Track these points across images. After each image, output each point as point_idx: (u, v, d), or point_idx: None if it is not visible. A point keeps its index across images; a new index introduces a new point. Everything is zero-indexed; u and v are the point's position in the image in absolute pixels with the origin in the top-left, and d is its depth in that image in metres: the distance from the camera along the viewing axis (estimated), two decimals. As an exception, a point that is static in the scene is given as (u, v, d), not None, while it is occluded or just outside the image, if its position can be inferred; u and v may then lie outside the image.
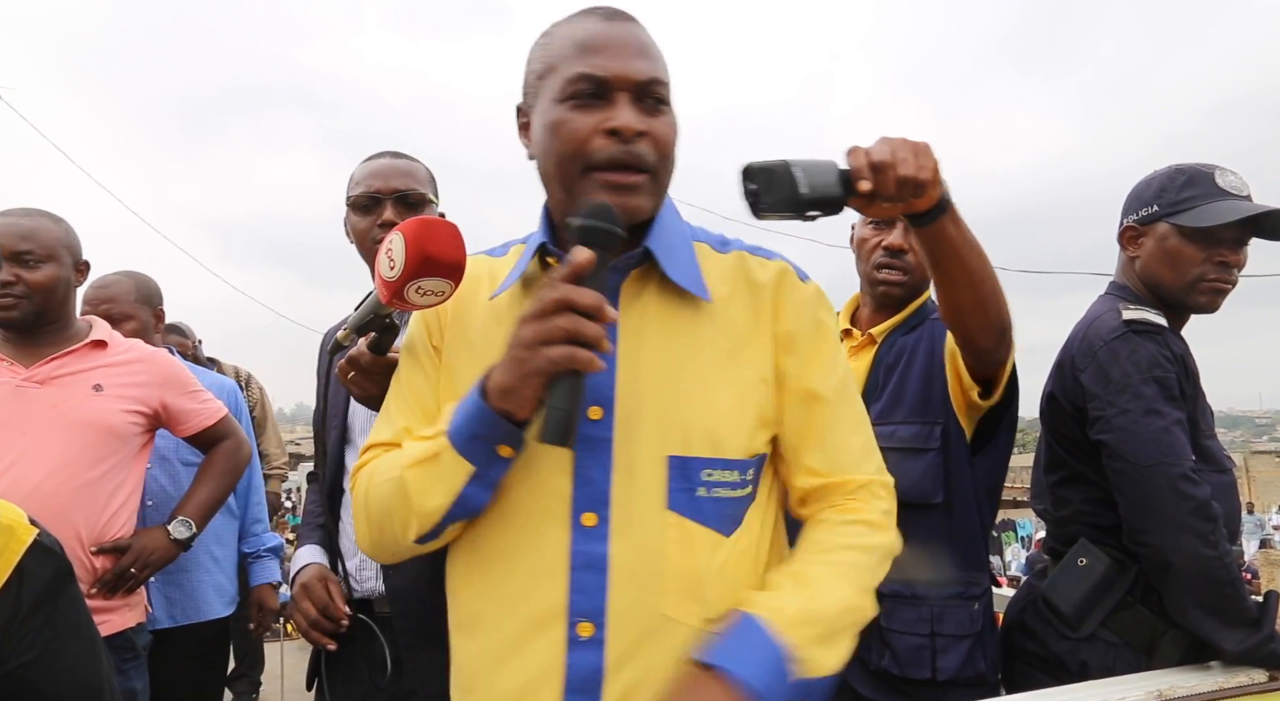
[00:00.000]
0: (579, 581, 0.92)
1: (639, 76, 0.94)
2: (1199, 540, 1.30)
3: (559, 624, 0.92)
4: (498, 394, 0.88)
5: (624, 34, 0.97)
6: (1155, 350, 1.43)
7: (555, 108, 0.95)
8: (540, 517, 0.94)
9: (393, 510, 0.95)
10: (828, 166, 1.07)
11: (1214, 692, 1.17)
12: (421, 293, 0.98)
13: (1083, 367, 1.48)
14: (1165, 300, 1.57)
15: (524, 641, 0.93)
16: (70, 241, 1.93)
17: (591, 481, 0.93)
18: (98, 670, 1.06)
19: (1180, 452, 1.36)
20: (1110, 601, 1.43)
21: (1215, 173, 1.54)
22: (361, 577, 1.56)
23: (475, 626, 0.98)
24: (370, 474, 1.00)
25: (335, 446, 1.64)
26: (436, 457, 0.91)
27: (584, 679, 0.91)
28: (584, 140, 0.93)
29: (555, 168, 0.96)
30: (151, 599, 2.21)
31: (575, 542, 0.93)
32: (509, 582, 0.95)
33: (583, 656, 0.91)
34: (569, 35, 0.98)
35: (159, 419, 1.98)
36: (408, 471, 0.93)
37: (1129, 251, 1.61)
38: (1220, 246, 1.52)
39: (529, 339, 0.85)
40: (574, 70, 0.94)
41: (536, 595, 0.93)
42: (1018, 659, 1.56)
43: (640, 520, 0.93)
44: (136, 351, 1.98)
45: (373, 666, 1.56)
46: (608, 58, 0.94)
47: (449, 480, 0.91)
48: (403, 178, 1.63)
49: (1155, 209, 1.56)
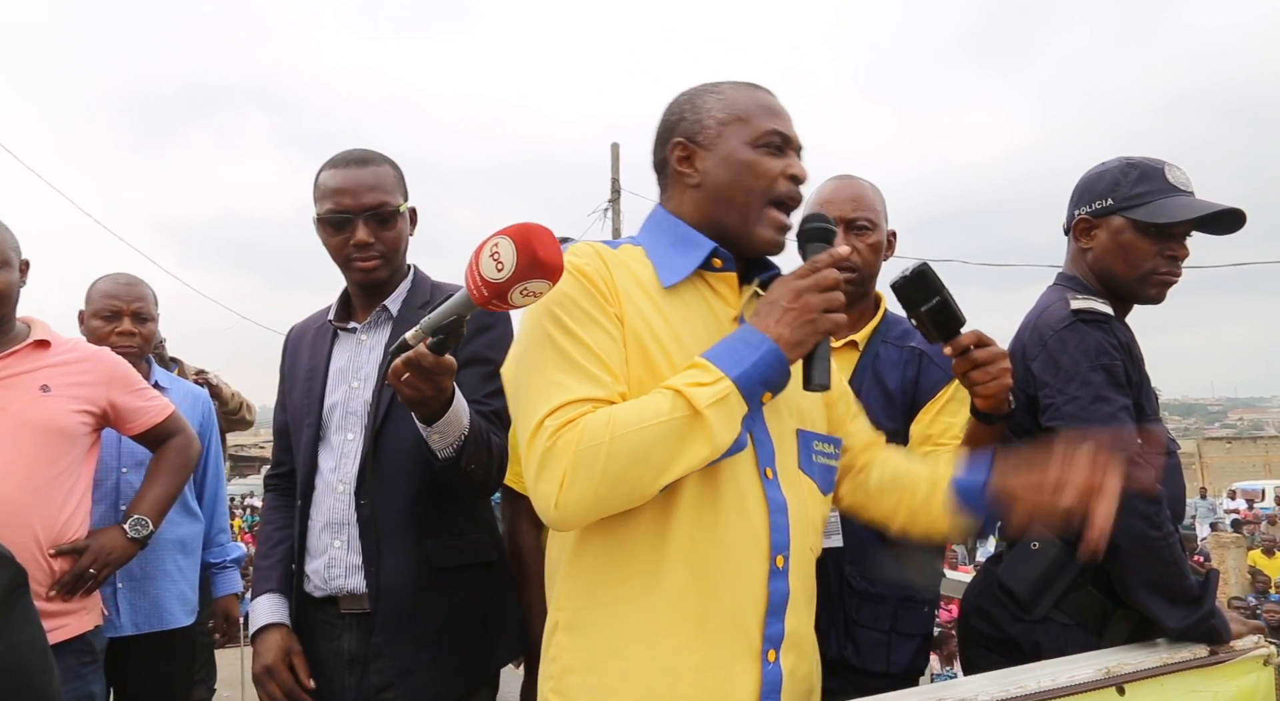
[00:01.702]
0: (776, 522, 1.14)
1: (800, 141, 1.27)
2: (1144, 522, 1.35)
3: (763, 557, 1.13)
4: (789, 346, 1.09)
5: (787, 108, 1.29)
6: (1102, 338, 1.47)
7: (747, 150, 1.21)
8: (738, 468, 1.13)
9: (655, 452, 1.03)
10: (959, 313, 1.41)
11: (1159, 668, 1.21)
12: (524, 294, 1.02)
13: (1033, 356, 1.52)
14: (1116, 292, 1.60)
15: (734, 573, 1.11)
16: (17, 244, 1.90)
17: (763, 443, 1.17)
18: (48, 684, 1.04)
19: (1126, 438, 1.40)
20: (1062, 584, 1.47)
21: (1165, 168, 1.58)
22: (330, 575, 1.56)
23: (688, 565, 1.11)
24: (610, 423, 1.03)
25: (309, 444, 1.63)
26: (726, 399, 1.05)
27: (778, 603, 1.13)
28: (774, 178, 1.21)
29: (743, 195, 1.21)
30: (117, 605, 2.19)
31: (766, 490, 1.15)
32: (723, 527, 1.12)
33: (778, 584, 1.13)
34: (752, 98, 1.26)
35: (107, 418, 1.94)
36: (708, 410, 1.04)
37: (1081, 243, 1.64)
38: (1171, 241, 1.56)
39: (818, 305, 1.10)
40: (769, 126, 1.22)
41: (749, 535, 1.13)
42: (974, 642, 1.60)
43: (790, 476, 1.19)
44: (81, 350, 1.94)
45: (339, 665, 1.56)
46: (786, 125, 1.25)
47: (735, 418, 1.07)
48: (371, 192, 1.60)
49: (1109, 202, 1.59)
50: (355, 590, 1.54)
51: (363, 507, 1.54)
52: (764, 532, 1.13)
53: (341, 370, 1.65)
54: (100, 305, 2.39)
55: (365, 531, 1.53)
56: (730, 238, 1.22)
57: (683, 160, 1.25)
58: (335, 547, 1.56)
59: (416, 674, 1.50)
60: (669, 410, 1.03)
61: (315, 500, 1.61)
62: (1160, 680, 1.20)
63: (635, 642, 1.11)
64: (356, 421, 1.60)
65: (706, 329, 1.18)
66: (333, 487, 1.59)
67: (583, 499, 1.03)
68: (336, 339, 1.69)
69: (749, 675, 1.10)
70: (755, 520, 1.13)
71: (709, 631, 1.10)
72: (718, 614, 1.10)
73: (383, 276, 1.64)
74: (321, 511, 1.59)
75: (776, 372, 1.09)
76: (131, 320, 2.38)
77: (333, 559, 1.56)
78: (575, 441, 1.03)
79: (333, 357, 1.67)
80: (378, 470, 1.54)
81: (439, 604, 1.54)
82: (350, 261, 1.61)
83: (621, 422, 1.03)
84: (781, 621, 1.13)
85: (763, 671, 1.11)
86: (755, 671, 1.10)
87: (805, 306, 1.09)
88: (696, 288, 1.22)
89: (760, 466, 1.15)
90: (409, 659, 1.50)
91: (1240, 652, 1.28)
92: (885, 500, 1.31)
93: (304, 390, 1.68)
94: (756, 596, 1.12)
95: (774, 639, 1.12)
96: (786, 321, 1.09)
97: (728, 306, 1.23)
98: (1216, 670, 1.25)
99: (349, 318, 1.71)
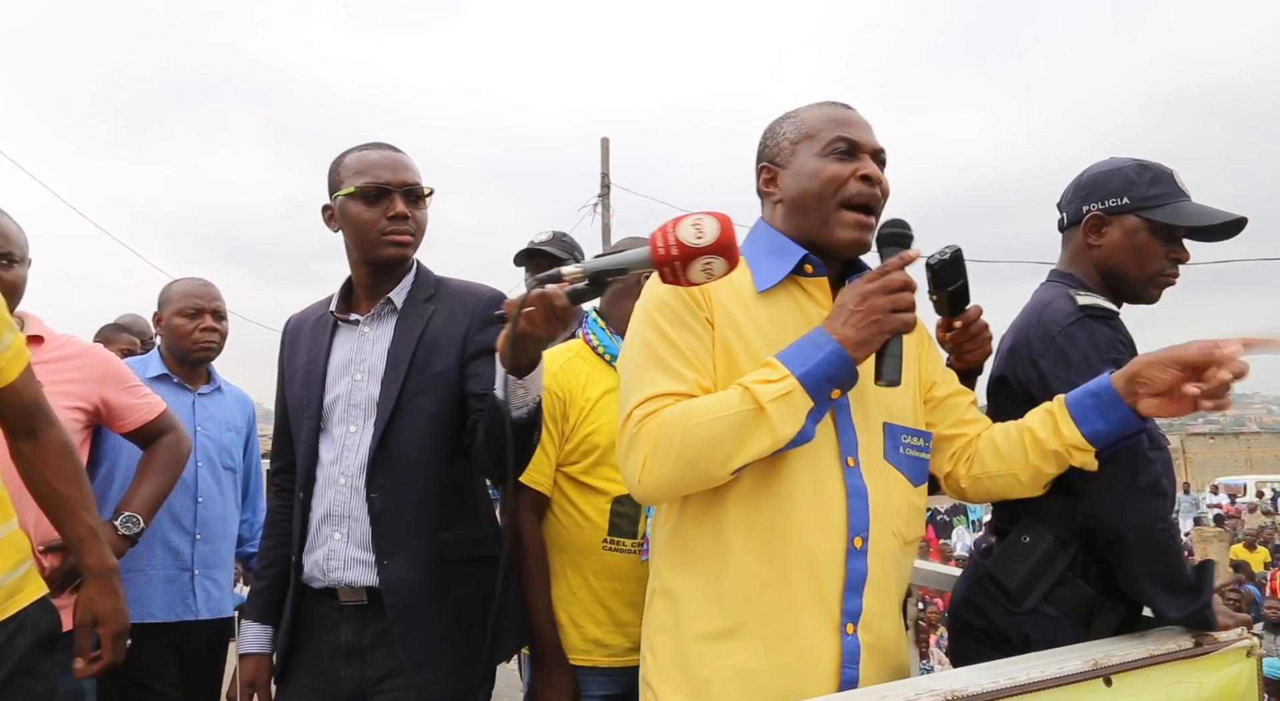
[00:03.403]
0: (854, 506, 1.24)
1: (877, 146, 1.35)
2: (1153, 515, 1.37)
3: (840, 538, 1.23)
4: (853, 346, 1.17)
5: (864, 119, 1.37)
6: (1111, 334, 1.48)
7: (815, 160, 1.32)
8: (818, 456, 1.24)
9: (724, 442, 1.16)
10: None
11: (1146, 659, 1.22)
12: (704, 269, 1.13)
13: (1041, 352, 1.51)
14: (1118, 290, 1.61)
15: (814, 551, 1.22)
16: (28, 241, 1.95)
17: (846, 434, 1.27)
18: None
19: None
20: (1052, 577, 1.48)
21: (1173, 173, 1.60)
22: (329, 568, 1.56)
23: (759, 546, 1.23)
24: (687, 414, 1.18)
25: (310, 436, 1.63)
26: (789, 395, 1.16)
27: (856, 580, 1.23)
28: (843, 181, 1.30)
29: (815, 201, 1.31)
30: (194, 590, 2.33)
31: (846, 477, 1.25)
32: (800, 508, 1.23)
33: (856, 563, 1.24)
34: (822, 114, 1.36)
35: (99, 415, 1.94)
36: (770, 405, 1.15)
37: (1089, 239, 1.63)
38: (1175, 244, 1.59)
39: (884, 306, 1.17)
40: (834, 134, 1.32)
41: (826, 516, 1.23)
42: (964, 634, 1.60)
43: (874, 465, 1.29)
44: (74, 346, 1.93)
45: (336, 656, 1.56)
46: (857, 131, 1.33)
47: (798, 413, 1.17)
48: (408, 171, 1.64)
49: (1125, 201, 1.59)
50: (353, 582, 1.54)
51: (373, 501, 1.53)
52: (842, 515, 1.24)
53: (344, 363, 1.64)
54: (183, 303, 2.48)
55: (376, 525, 1.53)
56: (817, 244, 1.32)
57: (768, 181, 1.40)
58: (335, 540, 1.57)
59: (429, 668, 1.51)
60: (737, 403, 1.16)
61: (316, 492, 1.61)
62: (1146, 671, 1.21)
63: (719, 609, 1.24)
64: (360, 414, 1.60)
65: (799, 330, 1.25)
66: (334, 480, 1.59)
67: (660, 478, 1.19)
68: (337, 331, 1.69)
69: (829, 645, 1.22)
70: (833, 504, 1.24)
71: (792, 603, 1.22)
72: (800, 587, 1.22)
73: (410, 256, 1.66)
74: (322, 504, 1.59)
75: (840, 370, 1.17)
76: (212, 317, 2.50)
77: (332, 551, 1.56)
78: (656, 429, 1.18)
79: (334, 350, 1.67)
80: (387, 463, 1.54)
81: (451, 598, 1.55)
82: (385, 234, 1.61)
83: (696, 414, 1.17)
84: (860, 597, 1.24)
85: (842, 642, 1.22)
86: (835, 641, 1.22)
87: (870, 308, 1.18)
88: (790, 293, 1.33)
89: (842, 455, 1.26)
90: (421, 654, 1.50)
91: (1224, 644, 1.30)
92: (1012, 453, 1.38)
93: (303, 382, 1.67)
94: (835, 573, 1.23)
95: (852, 613, 1.23)
96: (852, 322, 1.18)
97: (820, 309, 1.32)
98: (1201, 661, 1.27)
99: (351, 309, 1.70)
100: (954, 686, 1.09)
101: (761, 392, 1.16)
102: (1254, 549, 12.23)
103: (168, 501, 2.24)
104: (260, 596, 1.71)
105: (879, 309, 1.18)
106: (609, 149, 14.02)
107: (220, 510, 2.45)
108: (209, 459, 2.44)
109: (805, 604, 1.22)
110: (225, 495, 2.48)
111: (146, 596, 2.25)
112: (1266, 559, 11.91)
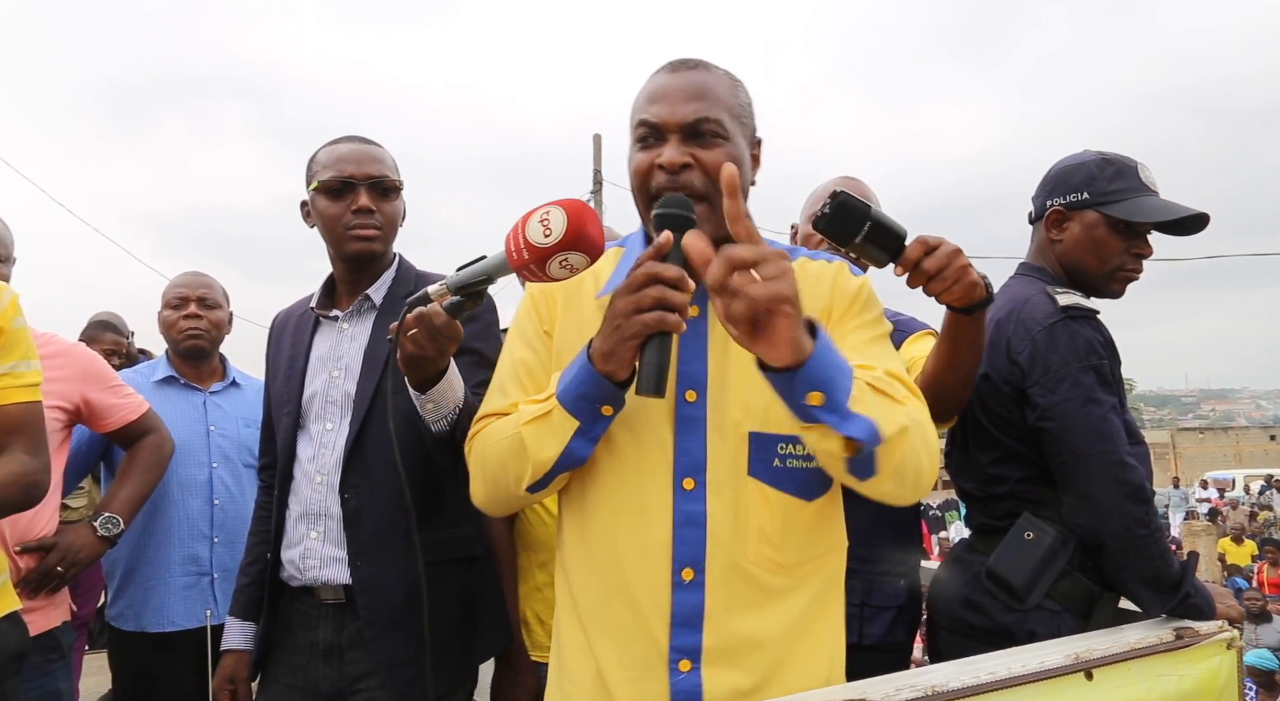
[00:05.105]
0: (682, 535, 1.11)
1: (688, 119, 1.14)
2: (1134, 523, 1.38)
3: (663, 569, 1.11)
4: (600, 358, 1.04)
5: (688, 82, 1.17)
6: (1092, 335, 1.48)
7: (633, 149, 1.19)
8: (647, 479, 1.12)
9: (508, 463, 1.12)
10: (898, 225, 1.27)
11: (1127, 653, 1.22)
12: (562, 265, 1.05)
13: (1020, 350, 1.51)
14: (1080, 284, 1.62)
15: (635, 583, 1.12)
16: (13, 240, 1.92)
17: (689, 452, 1.13)
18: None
19: (1118, 439, 1.41)
20: (1055, 571, 1.47)
21: (1138, 167, 1.59)
22: (305, 566, 1.55)
23: (589, 570, 1.16)
24: (486, 435, 1.17)
25: (288, 432, 1.62)
26: (548, 415, 1.08)
27: (687, 615, 1.10)
28: (645, 174, 1.16)
29: (636, 196, 1.19)
30: (215, 594, 2.28)
31: (677, 503, 1.12)
32: (621, 538, 1.13)
33: (687, 596, 1.10)
34: (642, 91, 1.20)
35: (79, 415, 1.92)
36: (524, 428, 1.10)
37: (1051, 234, 1.64)
38: (1138, 239, 1.59)
39: (624, 309, 1.00)
40: (638, 118, 1.18)
41: (646, 547, 1.12)
42: (964, 634, 1.57)
43: (728, 485, 1.12)
44: (55, 345, 1.91)
45: (314, 654, 1.55)
46: (659, 110, 1.15)
47: (559, 434, 1.07)
48: (375, 164, 1.61)
49: (1085, 196, 1.59)
50: (331, 581, 1.53)
51: (348, 500, 1.52)
52: (666, 545, 1.11)
53: (322, 358, 1.63)
54: (169, 296, 2.45)
55: (350, 525, 1.52)
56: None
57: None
58: (311, 539, 1.55)
59: (404, 669, 1.49)
60: (512, 425, 1.13)
61: (293, 489, 1.60)
62: (1127, 664, 1.21)
63: (577, 621, 1.18)
64: (336, 411, 1.59)
65: None
66: (310, 478, 1.57)
67: (480, 494, 1.20)
68: (318, 327, 1.67)
69: (657, 678, 1.10)
70: (656, 533, 1.12)
71: (620, 633, 1.13)
72: (626, 619, 1.13)
73: (378, 250, 1.63)
74: (299, 501, 1.58)
75: (592, 387, 1.05)
76: (197, 305, 2.43)
77: (308, 549, 1.55)
78: (473, 448, 1.20)
79: (314, 346, 1.66)
80: (361, 462, 1.52)
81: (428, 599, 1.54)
82: (349, 229, 1.59)
83: (493, 435, 1.16)
84: (699, 633, 1.10)
85: (671, 680, 1.10)
86: (663, 677, 1.10)
87: (613, 313, 1.02)
88: None
89: (677, 478, 1.12)
90: (396, 655, 1.49)
91: (1205, 637, 1.30)
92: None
93: (285, 378, 1.66)
94: (660, 607, 1.11)
95: (686, 650, 1.10)
96: (604, 331, 1.04)
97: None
98: (1182, 654, 1.27)
99: (332, 306, 1.69)
100: (935, 682, 1.09)
101: (521, 415, 1.12)
102: (1240, 542, 12.32)
103: (182, 507, 2.21)
104: (243, 593, 1.71)
105: (620, 312, 1.01)
106: (601, 145, 13.99)
107: (242, 510, 2.31)
108: (225, 458, 2.35)
109: (632, 637, 1.12)
110: (247, 494, 2.35)
111: (167, 604, 2.22)
112: (1254, 552, 11.99)
